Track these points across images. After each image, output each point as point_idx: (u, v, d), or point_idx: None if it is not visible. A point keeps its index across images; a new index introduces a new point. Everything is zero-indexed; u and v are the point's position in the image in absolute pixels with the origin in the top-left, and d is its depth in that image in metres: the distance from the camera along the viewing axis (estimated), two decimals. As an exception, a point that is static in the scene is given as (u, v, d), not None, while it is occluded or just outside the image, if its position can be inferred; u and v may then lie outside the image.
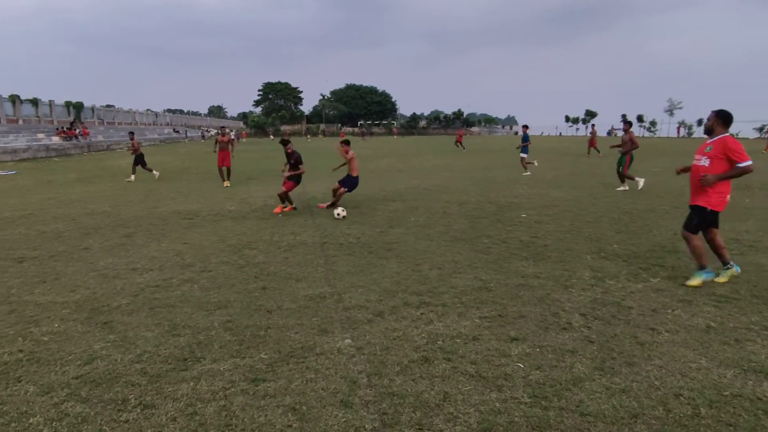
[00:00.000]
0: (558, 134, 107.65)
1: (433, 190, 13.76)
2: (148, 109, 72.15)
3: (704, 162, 5.35)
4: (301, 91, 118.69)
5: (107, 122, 54.63)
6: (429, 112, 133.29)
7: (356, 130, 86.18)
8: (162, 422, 3.04)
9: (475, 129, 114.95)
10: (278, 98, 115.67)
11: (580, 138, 67.63)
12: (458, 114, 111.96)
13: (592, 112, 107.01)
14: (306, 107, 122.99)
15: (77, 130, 41.10)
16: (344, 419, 3.05)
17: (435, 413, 3.11)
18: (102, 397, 3.32)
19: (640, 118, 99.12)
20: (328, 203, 10.92)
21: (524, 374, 3.58)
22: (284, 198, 10.47)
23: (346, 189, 10.69)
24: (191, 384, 3.48)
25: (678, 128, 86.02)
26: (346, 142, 11.07)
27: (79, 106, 47.69)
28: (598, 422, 3.00)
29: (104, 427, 2.99)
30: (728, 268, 5.54)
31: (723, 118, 5.34)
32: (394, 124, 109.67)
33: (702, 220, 5.40)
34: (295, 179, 10.48)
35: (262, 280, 5.83)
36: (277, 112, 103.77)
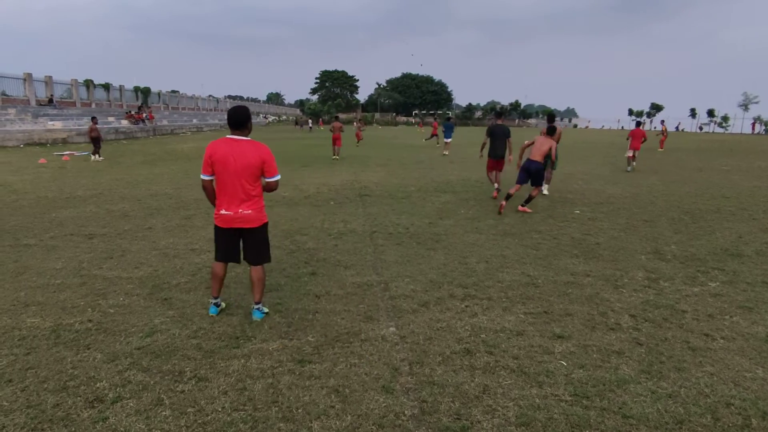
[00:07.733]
0: (620, 128, 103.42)
1: (484, 183, 13.61)
2: (210, 95, 74.70)
3: None
4: (357, 80, 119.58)
5: (171, 107, 56.90)
6: (485, 103, 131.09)
7: (411, 119, 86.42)
8: (214, 395, 3.23)
9: (531, 121, 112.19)
10: (335, 86, 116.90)
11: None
12: (515, 105, 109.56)
13: (657, 105, 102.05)
14: (362, 96, 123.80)
15: (144, 115, 43.09)
16: (385, 404, 3.15)
17: (474, 404, 3.15)
18: (161, 368, 3.56)
19: (710, 113, 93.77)
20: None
21: (567, 372, 3.55)
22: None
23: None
24: (242, 361, 3.67)
25: (753, 124, 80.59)
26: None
27: (146, 92, 49.93)
28: (641, 425, 2.95)
29: (162, 396, 3.21)
30: None
31: None
32: (449, 114, 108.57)
33: None
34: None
35: (311, 265, 6.01)
36: (333, 100, 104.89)
